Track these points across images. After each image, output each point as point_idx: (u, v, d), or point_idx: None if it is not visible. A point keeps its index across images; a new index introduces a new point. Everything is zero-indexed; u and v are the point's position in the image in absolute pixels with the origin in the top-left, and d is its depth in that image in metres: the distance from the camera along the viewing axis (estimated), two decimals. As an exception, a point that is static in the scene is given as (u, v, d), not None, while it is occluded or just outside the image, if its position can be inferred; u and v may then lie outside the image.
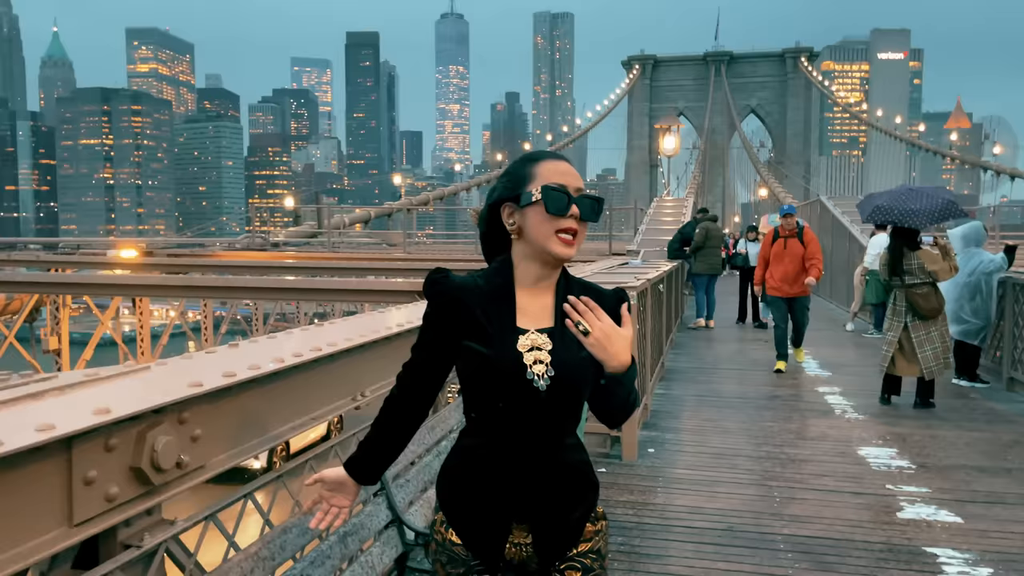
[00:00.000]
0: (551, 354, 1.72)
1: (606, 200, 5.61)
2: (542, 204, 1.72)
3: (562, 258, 1.74)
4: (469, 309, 1.77)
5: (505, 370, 1.71)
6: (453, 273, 1.84)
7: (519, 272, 1.81)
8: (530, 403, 1.71)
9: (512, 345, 1.73)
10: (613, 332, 1.66)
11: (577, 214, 1.73)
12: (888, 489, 5.05)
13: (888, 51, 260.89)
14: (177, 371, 2.49)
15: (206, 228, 57.65)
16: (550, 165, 1.78)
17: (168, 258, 17.46)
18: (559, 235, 1.72)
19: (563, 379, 1.71)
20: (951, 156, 61.73)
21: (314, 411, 2.99)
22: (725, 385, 8.63)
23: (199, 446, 2.31)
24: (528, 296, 1.79)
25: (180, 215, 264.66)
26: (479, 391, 1.77)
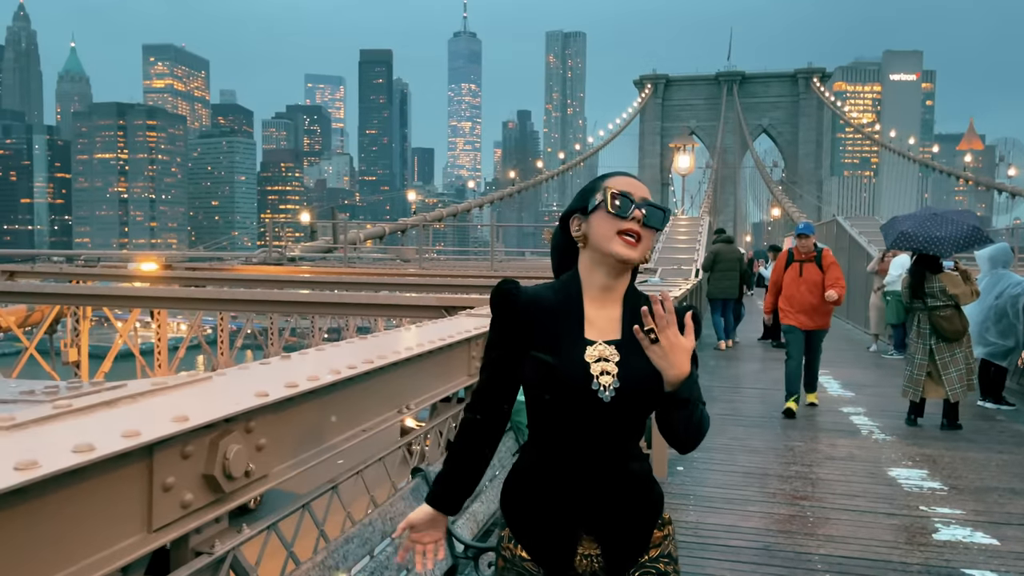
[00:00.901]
0: (618, 365, 1.73)
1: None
2: (605, 206, 1.76)
3: (623, 259, 1.74)
4: (537, 319, 1.79)
5: (572, 380, 1.73)
6: (522, 285, 1.86)
7: (586, 282, 1.82)
8: (595, 413, 1.73)
9: (580, 355, 1.75)
10: (678, 342, 1.66)
11: (640, 217, 1.74)
12: (922, 511, 5.02)
13: (900, 72, 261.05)
14: (240, 381, 2.52)
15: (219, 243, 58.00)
16: (618, 178, 1.83)
17: (187, 271, 17.57)
18: (621, 236, 1.74)
19: (629, 390, 1.72)
20: (965, 177, 61.56)
21: (364, 423, 3.02)
22: (748, 404, 8.60)
23: (263, 455, 2.34)
24: (596, 307, 1.80)
25: (193, 229, 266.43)
26: (544, 402, 1.78)
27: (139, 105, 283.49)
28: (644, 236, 1.76)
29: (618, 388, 1.72)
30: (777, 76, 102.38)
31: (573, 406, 1.74)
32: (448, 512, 1.94)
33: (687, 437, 1.75)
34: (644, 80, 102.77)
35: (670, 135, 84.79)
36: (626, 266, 1.79)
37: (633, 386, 1.72)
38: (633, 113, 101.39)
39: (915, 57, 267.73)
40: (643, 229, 1.76)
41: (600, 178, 1.87)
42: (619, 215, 1.74)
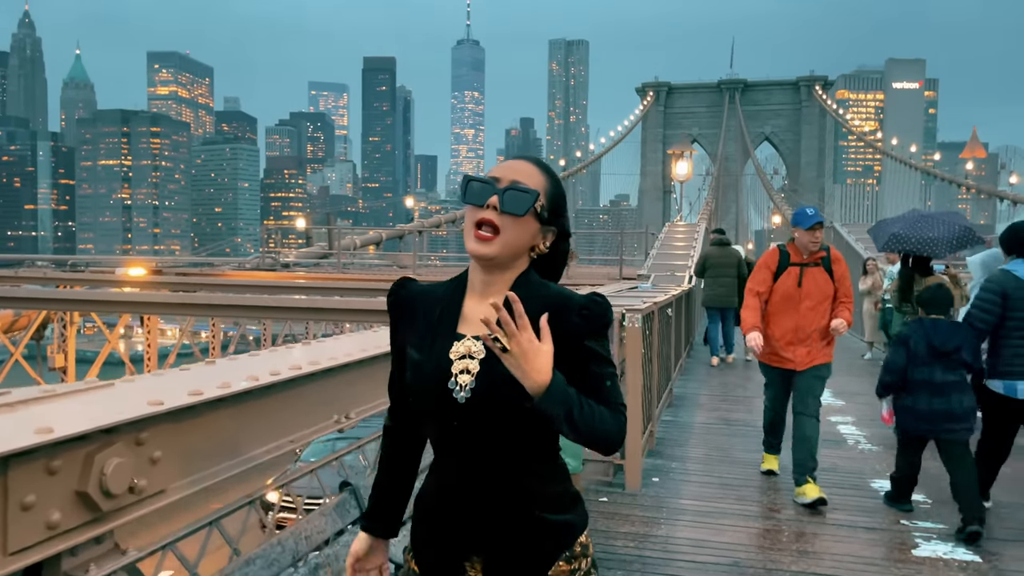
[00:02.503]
0: (481, 364, 1.56)
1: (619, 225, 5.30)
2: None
3: (475, 255, 1.58)
4: (419, 315, 1.66)
5: (429, 376, 1.58)
6: (417, 283, 1.73)
7: (470, 276, 1.67)
8: (452, 417, 1.56)
9: (444, 352, 1.59)
10: (531, 348, 1.43)
11: (495, 204, 1.56)
12: (903, 524, 4.83)
13: (903, 80, 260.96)
14: (141, 389, 2.35)
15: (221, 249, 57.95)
16: (500, 164, 1.66)
17: (177, 277, 17.42)
18: (476, 230, 1.57)
19: (485, 393, 1.54)
20: (967, 186, 61.31)
21: (292, 432, 2.85)
22: (734, 413, 8.40)
23: (159, 469, 2.16)
24: (475, 301, 1.64)
25: (196, 236, 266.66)
26: (413, 403, 1.65)
27: (143, 112, 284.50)
28: (505, 226, 1.57)
29: (475, 388, 1.54)
30: (779, 84, 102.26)
31: (430, 409, 1.59)
32: (383, 535, 1.79)
33: (588, 443, 1.55)
34: (646, 88, 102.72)
35: (672, 142, 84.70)
36: (489, 263, 1.61)
37: (490, 387, 1.54)
38: (635, 120, 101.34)
39: (918, 65, 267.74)
40: (501, 217, 1.57)
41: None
42: (472, 203, 1.58)
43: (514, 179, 1.60)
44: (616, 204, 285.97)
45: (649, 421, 6.57)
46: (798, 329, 5.26)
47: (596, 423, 1.52)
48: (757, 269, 5.57)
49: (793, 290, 5.29)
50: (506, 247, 1.59)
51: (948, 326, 4.85)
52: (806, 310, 5.26)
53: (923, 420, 4.80)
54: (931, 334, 4.78)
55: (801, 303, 5.26)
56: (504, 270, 1.64)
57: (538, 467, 1.64)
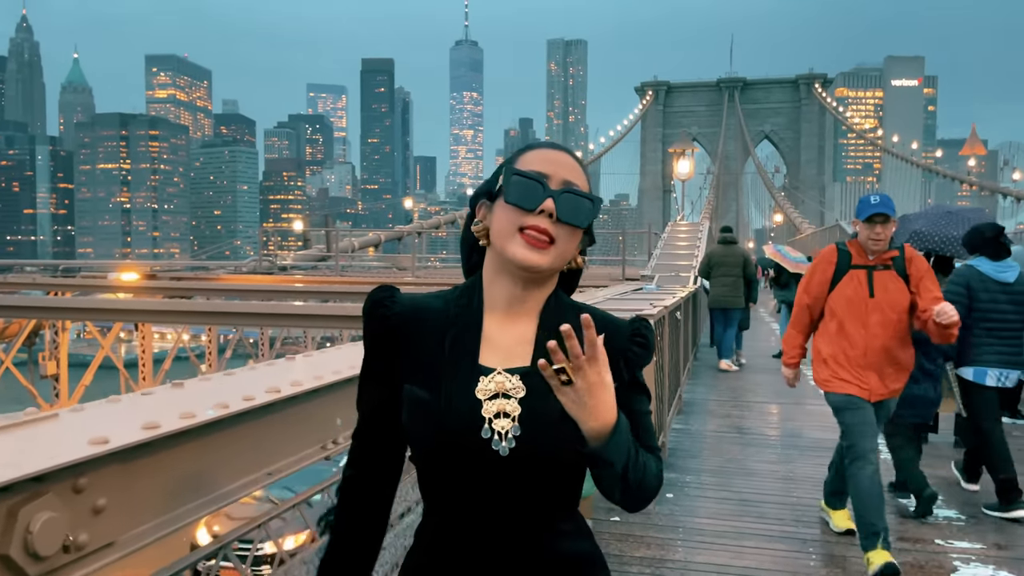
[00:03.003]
0: (522, 404, 1.22)
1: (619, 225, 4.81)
2: (504, 192, 1.26)
3: (524, 265, 1.24)
4: (416, 339, 1.29)
5: (454, 423, 1.22)
6: (403, 292, 1.36)
7: (489, 291, 1.32)
8: (489, 472, 1.22)
9: (468, 390, 1.24)
10: (599, 381, 1.13)
11: (551, 209, 1.23)
12: (938, 545, 4.49)
13: (902, 78, 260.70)
14: (87, 421, 2.02)
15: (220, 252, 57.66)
16: (538, 152, 1.30)
17: (171, 282, 17.11)
18: (523, 233, 1.23)
19: (535, 440, 1.21)
20: (969, 182, 60.94)
21: (271, 464, 2.51)
22: (747, 420, 8.07)
23: (104, 520, 1.82)
24: (500, 324, 1.30)
25: (195, 239, 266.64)
26: (426, 455, 1.28)
27: (141, 115, 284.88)
28: (560, 236, 1.25)
29: (519, 437, 1.21)
30: (779, 82, 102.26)
31: (459, 462, 1.23)
32: None
33: (625, 500, 1.24)
34: (645, 87, 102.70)
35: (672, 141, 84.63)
36: (534, 275, 1.27)
37: (541, 433, 1.21)
38: (634, 120, 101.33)
39: (917, 62, 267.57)
40: (557, 226, 1.24)
41: (522, 150, 1.35)
42: (521, 206, 1.24)
43: (567, 179, 1.28)
44: (616, 204, 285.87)
45: (660, 431, 6.24)
46: (874, 346, 4.03)
47: (645, 476, 1.22)
48: (810, 273, 4.32)
49: (859, 300, 4.06)
50: (558, 259, 1.26)
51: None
52: (876, 326, 4.03)
53: (906, 406, 4.81)
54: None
55: (873, 314, 4.04)
56: (541, 286, 1.31)
57: (567, 524, 1.32)
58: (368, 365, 1.37)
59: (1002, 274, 5.10)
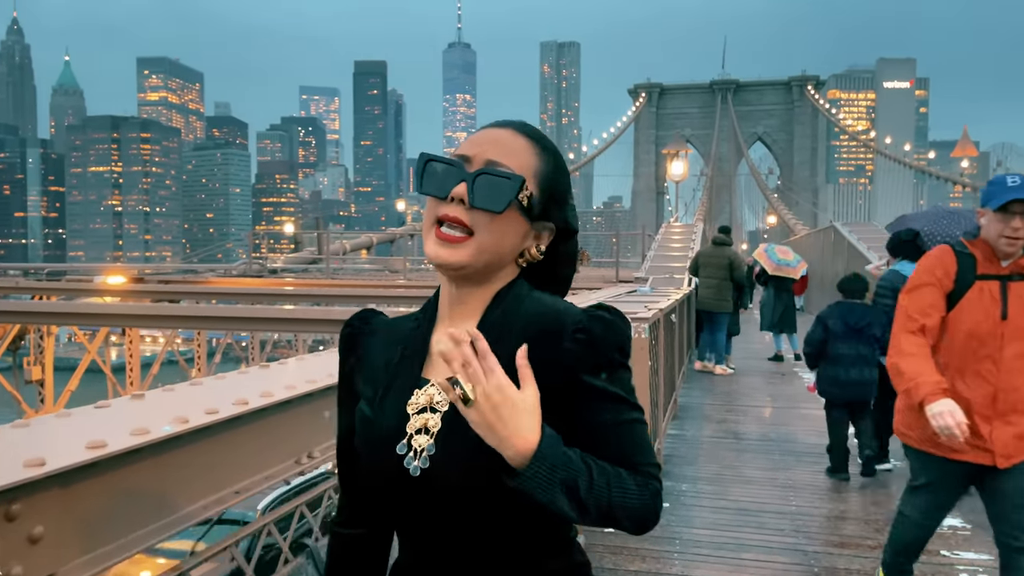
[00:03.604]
0: (443, 420, 1.06)
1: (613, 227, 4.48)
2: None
3: (436, 262, 1.08)
4: (373, 359, 1.18)
5: (377, 439, 1.09)
6: (383, 316, 1.25)
7: (440, 298, 1.18)
8: (408, 498, 1.07)
9: (400, 403, 1.09)
10: (505, 398, 0.96)
11: (462, 195, 1.07)
12: (944, 556, 4.33)
13: (894, 80, 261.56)
14: (27, 439, 1.84)
15: (212, 255, 57.31)
16: (480, 132, 1.15)
17: (159, 285, 16.87)
18: (437, 228, 1.09)
19: (447, 461, 1.04)
20: (962, 183, 61.08)
21: (238, 482, 2.33)
22: (743, 425, 7.91)
23: (42, 550, 1.64)
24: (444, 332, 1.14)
25: (187, 241, 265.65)
26: (362, 477, 1.16)
27: (133, 118, 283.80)
28: (478, 225, 1.07)
29: (433, 456, 1.04)
30: (771, 84, 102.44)
31: (380, 484, 1.11)
32: None
33: (608, 525, 1.03)
34: (638, 89, 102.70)
35: (665, 143, 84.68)
36: (458, 272, 1.10)
37: (454, 453, 1.03)
38: (628, 122, 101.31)
39: (908, 64, 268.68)
40: (473, 213, 1.07)
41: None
42: (433, 195, 1.09)
43: (490, 158, 1.10)
44: (609, 206, 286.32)
45: (656, 438, 6.07)
46: (1001, 393, 2.88)
47: (615, 498, 1.00)
48: (917, 285, 3.12)
49: (990, 323, 2.89)
50: (481, 253, 1.09)
51: (861, 308, 5.71)
52: (1013, 360, 2.88)
53: (842, 387, 5.66)
54: (847, 315, 5.66)
55: (1005, 347, 2.88)
56: (480, 284, 1.13)
57: (552, 560, 1.13)
58: (339, 386, 1.27)
59: None
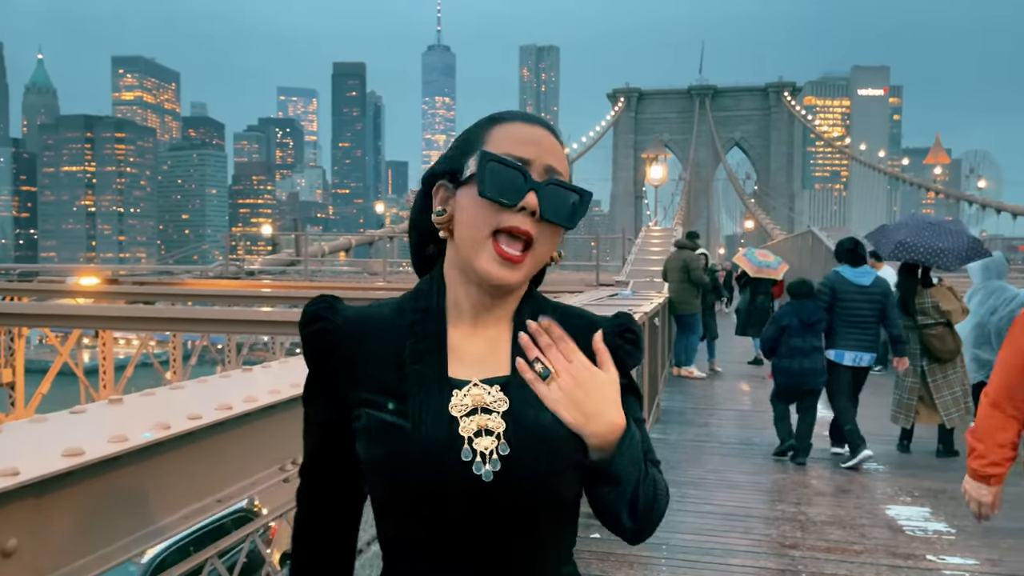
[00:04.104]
0: (506, 419, 0.99)
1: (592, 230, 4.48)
2: (478, 182, 1.01)
3: (493, 283, 1.01)
4: (367, 356, 1.05)
5: (427, 448, 0.98)
6: (347, 305, 1.11)
7: (453, 293, 1.08)
8: (471, 503, 0.98)
9: (439, 405, 1.00)
10: (591, 378, 0.96)
11: (535, 207, 0.99)
12: (930, 561, 4.32)
13: (868, 87, 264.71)
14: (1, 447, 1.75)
15: (188, 256, 56.64)
16: (514, 128, 1.06)
17: (134, 286, 16.62)
18: (496, 240, 1.00)
19: (524, 459, 0.98)
20: (935, 190, 61.93)
21: (220, 490, 2.24)
22: (725, 429, 7.91)
23: (16, 564, 1.56)
24: (467, 331, 1.07)
25: (162, 243, 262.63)
26: (387, 487, 1.03)
27: (107, 117, 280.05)
28: (540, 237, 1.02)
29: (507, 457, 0.98)
30: (748, 90, 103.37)
31: (432, 493, 0.99)
32: None
33: (632, 527, 1.00)
34: (617, 93, 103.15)
35: (643, 148, 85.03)
36: (507, 290, 1.05)
37: (532, 450, 0.98)
38: (606, 126, 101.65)
39: (882, 72, 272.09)
40: (539, 225, 1.01)
41: (490, 121, 1.10)
42: (499, 201, 1.00)
43: (550, 164, 1.04)
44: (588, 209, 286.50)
45: (640, 442, 6.03)
46: None
47: (656, 496, 1.01)
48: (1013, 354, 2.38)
49: None
50: (534, 268, 1.05)
51: (812, 305, 6.45)
52: None
53: (795, 376, 6.40)
54: (800, 312, 6.39)
55: None
56: (511, 293, 1.08)
57: (568, 568, 1.10)
58: (310, 391, 1.13)
59: (860, 279, 6.45)
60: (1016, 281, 9.03)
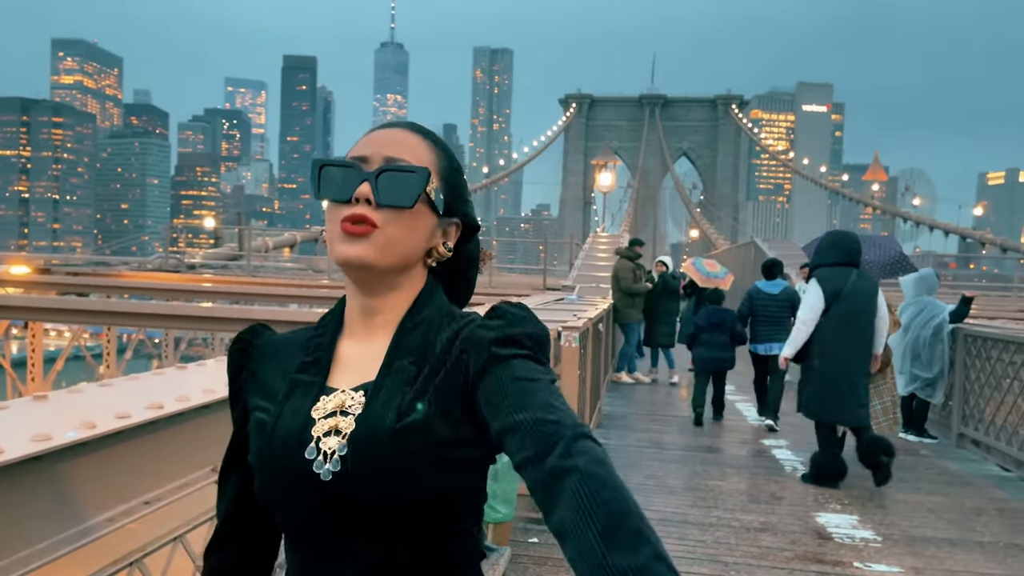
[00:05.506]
0: (359, 421, 0.99)
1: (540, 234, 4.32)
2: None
3: (346, 261, 1.02)
4: (268, 372, 1.11)
5: (280, 443, 1.00)
6: (275, 332, 1.17)
7: (348, 307, 1.11)
8: (316, 502, 0.98)
9: (302, 408, 1.02)
10: None
11: (367, 195, 1.02)
12: (857, 568, 4.44)
13: (812, 103, 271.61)
14: (-89, 445, 1.66)
15: (127, 247, 55.00)
16: (363, 137, 1.11)
17: (67, 277, 16.08)
18: (342, 225, 1.02)
19: (364, 459, 0.96)
20: (873, 206, 63.88)
21: (148, 492, 2.18)
22: (666, 435, 8.01)
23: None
24: (356, 341, 1.09)
25: (99, 232, 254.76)
26: (260, 488, 1.05)
27: (45, 101, 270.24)
28: (384, 220, 1.02)
29: (345, 457, 0.97)
30: (697, 101, 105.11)
31: (280, 488, 1.02)
32: None
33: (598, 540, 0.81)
34: (569, 99, 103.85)
35: (594, 154, 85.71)
36: (367, 274, 1.05)
37: (371, 452, 0.96)
38: (558, 131, 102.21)
39: (826, 89, 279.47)
40: (380, 212, 1.02)
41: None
42: (335, 199, 1.04)
43: (389, 155, 1.06)
44: (537, 213, 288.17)
45: (581, 447, 6.07)
46: None
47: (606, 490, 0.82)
48: None
49: None
50: (389, 246, 1.03)
51: (721, 311, 8.74)
52: None
53: (706, 362, 8.58)
54: (711, 316, 8.64)
55: None
56: (392, 289, 1.08)
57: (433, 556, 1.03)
58: (231, 405, 1.18)
59: (770, 289, 8.56)
60: (945, 297, 9.37)
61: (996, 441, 7.21)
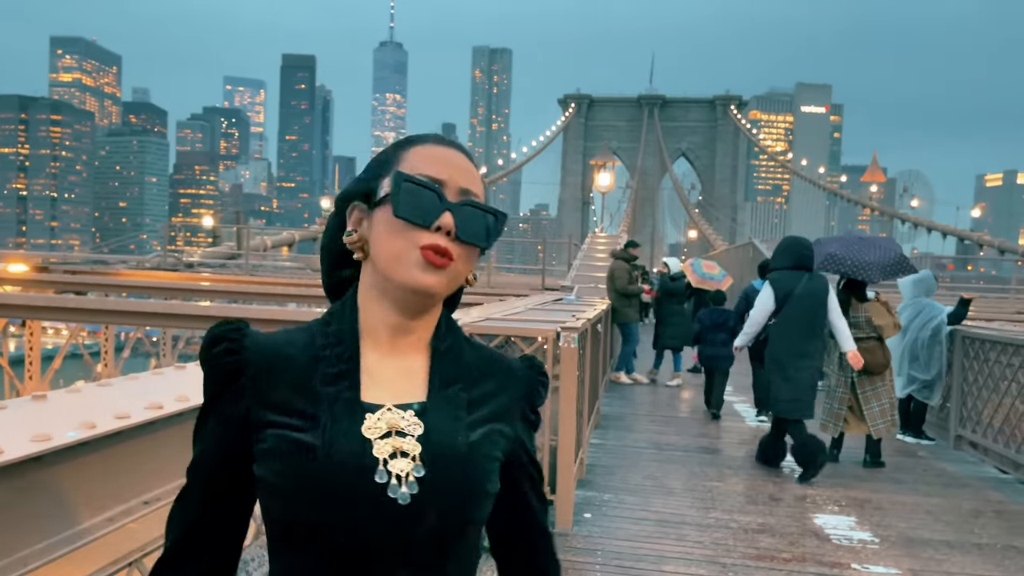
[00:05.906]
0: (421, 441, 0.98)
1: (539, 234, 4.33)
2: (393, 204, 0.99)
3: (420, 289, 0.99)
4: (275, 382, 1.01)
5: (338, 469, 0.95)
6: (255, 329, 1.06)
7: (367, 315, 1.05)
8: (387, 528, 0.95)
9: (353, 428, 0.97)
10: None
11: (450, 227, 0.99)
12: (855, 570, 4.45)
13: (811, 104, 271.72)
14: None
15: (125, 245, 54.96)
16: (427, 150, 1.05)
17: (65, 275, 16.06)
18: (424, 252, 0.99)
19: (443, 481, 0.97)
20: (871, 207, 63.94)
21: (147, 492, 2.17)
22: (664, 436, 8.02)
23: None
24: (382, 355, 1.05)
25: (97, 231, 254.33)
26: (293, 513, 0.97)
27: (44, 99, 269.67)
28: (459, 255, 1.01)
29: (422, 479, 0.96)
30: (696, 101, 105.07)
31: (341, 517, 0.95)
32: None
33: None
34: (568, 99, 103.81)
35: (592, 154, 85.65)
36: (429, 302, 1.04)
37: (449, 471, 0.98)
38: (557, 131, 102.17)
39: (824, 90, 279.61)
40: (455, 246, 1.00)
41: (402, 144, 1.09)
42: (413, 222, 0.99)
43: (464, 186, 1.04)
44: (536, 213, 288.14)
45: (579, 447, 6.07)
46: None
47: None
48: None
49: None
50: (454, 280, 1.04)
51: (722, 311, 9.34)
52: None
53: (708, 359, 9.18)
54: (713, 316, 9.23)
55: None
56: (430, 312, 1.07)
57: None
58: (206, 421, 1.05)
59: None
60: (943, 298, 9.38)
61: (994, 443, 7.22)
